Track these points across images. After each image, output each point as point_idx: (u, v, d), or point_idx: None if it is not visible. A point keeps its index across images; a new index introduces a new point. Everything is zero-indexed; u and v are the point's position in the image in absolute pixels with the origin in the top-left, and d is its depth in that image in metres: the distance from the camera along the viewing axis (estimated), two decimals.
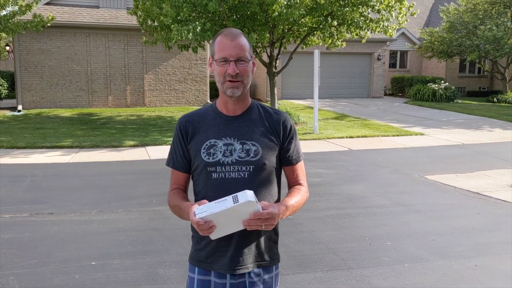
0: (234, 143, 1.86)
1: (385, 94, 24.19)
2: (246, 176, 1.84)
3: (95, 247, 4.67)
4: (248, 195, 1.61)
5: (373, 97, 22.78)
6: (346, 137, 11.87)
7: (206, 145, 1.86)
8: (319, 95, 12.80)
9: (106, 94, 17.09)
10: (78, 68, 16.59)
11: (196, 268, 1.94)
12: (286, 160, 1.98)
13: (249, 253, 1.88)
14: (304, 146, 10.75)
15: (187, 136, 1.91)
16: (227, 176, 1.83)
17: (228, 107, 1.91)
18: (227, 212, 1.63)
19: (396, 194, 6.80)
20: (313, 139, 11.69)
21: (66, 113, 15.35)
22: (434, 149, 10.68)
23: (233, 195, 1.62)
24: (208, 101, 18.39)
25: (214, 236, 1.72)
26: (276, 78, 13.83)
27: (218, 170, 1.84)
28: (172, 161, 1.98)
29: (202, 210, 1.64)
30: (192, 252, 1.98)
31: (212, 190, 1.83)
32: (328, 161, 9.10)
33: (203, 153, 1.85)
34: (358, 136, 12.01)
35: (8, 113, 15.10)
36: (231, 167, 1.83)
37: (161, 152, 9.82)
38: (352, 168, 8.50)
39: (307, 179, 1.89)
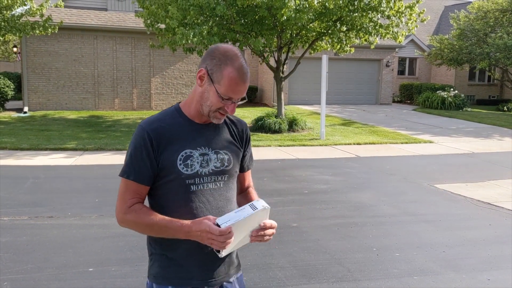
0: (209, 153, 1.79)
1: (394, 101, 23.98)
2: (221, 186, 1.81)
3: (93, 253, 4.53)
4: (262, 202, 1.64)
5: (381, 104, 22.57)
6: (354, 144, 11.70)
7: (182, 156, 1.74)
8: (326, 101, 12.65)
9: (113, 97, 17.03)
10: (85, 71, 16.55)
11: (170, 287, 1.79)
12: (244, 167, 1.99)
13: (225, 262, 1.84)
14: (310, 152, 10.59)
15: (158, 147, 1.72)
16: (205, 188, 1.77)
17: (202, 118, 1.81)
18: (247, 221, 1.61)
19: (405, 203, 6.62)
20: (320, 145, 11.53)
21: (72, 115, 15.30)
22: (443, 157, 10.48)
23: (249, 203, 1.64)
24: None
25: (226, 251, 1.65)
26: (283, 83, 13.69)
27: (196, 182, 1.75)
28: (134, 173, 1.74)
29: (225, 220, 1.59)
30: (159, 271, 1.80)
31: (191, 202, 1.74)
32: (335, 168, 8.93)
33: (180, 164, 1.73)
34: (365, 143, 11.83)
35: (14, 114, 15.07)
36: (208, 177, 1.78)
37: None
38: (360, 176, 8.32)
39: (313, 186, 1.78)
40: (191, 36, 10.23)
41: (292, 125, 13.24)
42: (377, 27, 12.45)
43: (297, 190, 7.11)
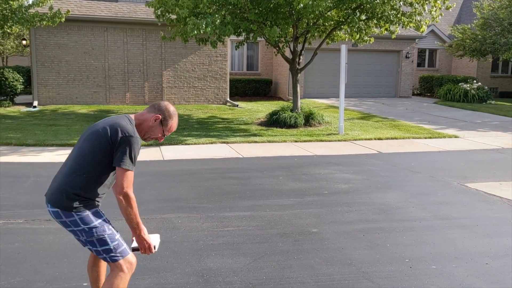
0: None
1: (413, 94, 23.18)
2: None
3: None
4: None
5: (401, 97, 21.81)
6: (374, 139, 11.07)
7: None
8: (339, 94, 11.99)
9: (124, 91, 16.62)
10: (95, 64, 16.15)
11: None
12: None
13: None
14: (329, 148, 10.02)
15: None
16: None
17: None
18: None
19: (435, 204, 6.02)
20: (338, 140, 10.93)
21: (82, 109, 14.92)
22: (471, 153, 9.82)
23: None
24: (228, 99, 17.75)
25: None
26: (299, 75, 13.10)
27: None
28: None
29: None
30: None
31: None
32: (355, 165, 8.34)
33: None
34: (387, 138, 11.20)
35: (24, 109, 14.74)
36: None
37: (176, 152, 9.22)
38: (383, 174, 7.73)
39: (333, 185, 1.51)
40: (203, 26, 9.69)
41: (309, 119, 12.65)
42: (399, 15, 11.77)
43: (315, 190, 6.55)
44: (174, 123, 2.86)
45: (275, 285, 3.68)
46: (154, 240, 2.82)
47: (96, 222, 2.71)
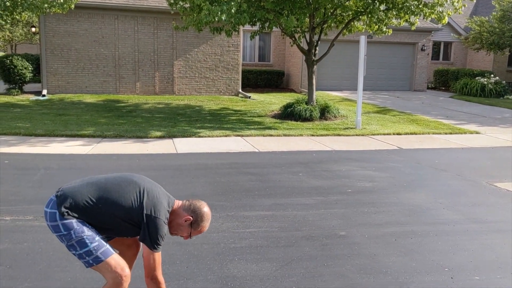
0: None
1: (427, 88, 22.67)
2: None
3: None
4: None
5: (415, 90, 21.33)
6: (393, 134, 10.70)
7: None
8: (357, 86, 11.59)
9: (134, 81, 16.29)
10: (105, 52, 15.82)
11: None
12: None
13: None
14: (347, 143, 9.67)
15: None
16: None
17: None
18: None
19: (467, 206, 5.67)
20: (356, 135, 10.57)
21: (91, 99, 14.63)
22: (495, 150, 9.43)
23: None
24: (240, 90, 17.38)
25: None
26: (315, 67, 12.70)
27: None
28: None
29: None
30: None
31: None
32: (377, 162, 7.98)
33: None
34: (406, 133, 10.81)
35: (32, 97, 14.47)
36: None
37: (189, 145, 8.90)
38: (408, 171, 7.37)
39: (357, 183, 1.58)
40: (218, 13, 9.31)
41: (324, 112, 12.28)
42: (420, 6, 11.32)
43: (338, 189, 6.22)
44: (204, 227, 2.83)
45: None
46: None
47: (76, 226, 2.69)
